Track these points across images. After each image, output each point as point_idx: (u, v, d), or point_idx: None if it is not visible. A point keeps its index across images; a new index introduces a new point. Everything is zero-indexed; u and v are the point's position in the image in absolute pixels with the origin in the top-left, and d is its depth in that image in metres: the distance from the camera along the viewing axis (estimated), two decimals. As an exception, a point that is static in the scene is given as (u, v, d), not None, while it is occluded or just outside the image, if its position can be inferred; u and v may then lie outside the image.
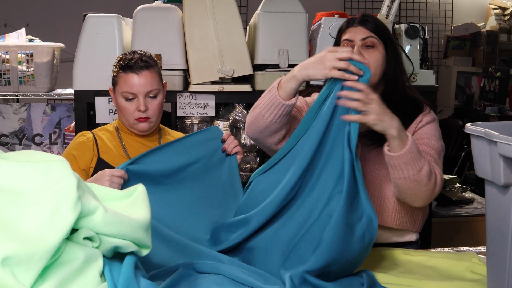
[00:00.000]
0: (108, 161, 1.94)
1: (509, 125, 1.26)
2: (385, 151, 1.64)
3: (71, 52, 2.85)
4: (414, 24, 2.74)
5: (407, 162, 1.61)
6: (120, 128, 2.01)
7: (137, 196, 1.24)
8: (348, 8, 5.54)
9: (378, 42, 1.82)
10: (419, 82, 2.70)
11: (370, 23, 1.83)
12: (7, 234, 0.98)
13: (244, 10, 5.11)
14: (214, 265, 1.46)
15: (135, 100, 1.90)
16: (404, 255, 1.72)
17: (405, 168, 1.62)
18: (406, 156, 1.60)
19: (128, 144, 1.98)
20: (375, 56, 1.80)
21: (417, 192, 1.67)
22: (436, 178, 1.67)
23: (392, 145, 1.62)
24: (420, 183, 1.64)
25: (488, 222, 1.24)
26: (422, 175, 1.63)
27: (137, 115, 1.91)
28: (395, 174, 1.65)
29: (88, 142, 1.96)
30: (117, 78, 1.92)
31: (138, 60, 1.90)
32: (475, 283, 1.50)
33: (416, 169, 1.62)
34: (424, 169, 1.63)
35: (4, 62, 2.80)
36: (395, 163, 1.62)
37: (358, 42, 1.81)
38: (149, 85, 1.90)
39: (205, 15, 2.48)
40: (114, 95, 1.96)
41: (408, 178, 1.63)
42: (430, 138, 1.81)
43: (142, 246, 1.17)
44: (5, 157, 1.11)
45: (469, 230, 3.14)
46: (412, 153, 1.61)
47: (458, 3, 5.83)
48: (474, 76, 5.29)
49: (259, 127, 1.73)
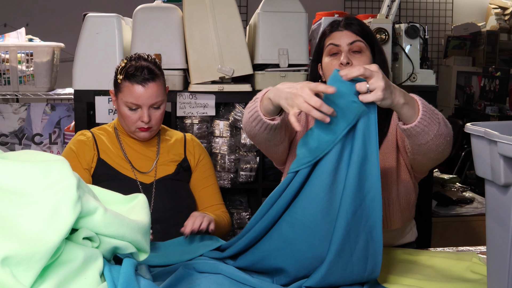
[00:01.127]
0: (108, 162, 1.93)
1: (509, 125, 1.26)
2: (403, 127, 1.47)
3: (71, 51, 2.85)
4: (414, 24, 2.74)
5: (428, 122, 1.46)
6: (119, 130, 2.00)
7: (137, 203, 1.24)
8: (348, 8, 5.54)
9: (365, 47, 1.76)
10: (419, 82, 2.70)
11: (355, 26, 1.76)
12: (7, 234, 0.98)
13: (244, 10, 5.10)
14: (214, 264, 1.46)
15: (139, 110, 1.89)
16: (404, 255, 1.72)
17: (429, 128, 1.47)
18: (425, 116, 1.45)
19: (127, 145, 1.98)
20: (363, 61, 1.74)
21: (446, 145, 1.55)
22: (445, 120, 1.55)
23: (406, 115, 1.44)
24: (444, 136, 1.52)
25: (488, 222, 1.24)
26: (442, 126, 1.50)
27: (140, 124, 1.90)
28: (421, 140, 1.50)
29: (88, 142, 1.95)
30: (122, 86, 1.89)
31: (145, 70, 1.86)
32: (475, 283, 1.50)
33: (437, 121, 1.48)
34: (440, 117, 1.50)
35: (4, 61, 2.80)
36: (418, 130, 1.46)
37: (345, 47, 1.74)
38: (154, 97, 1.88)
39: (205, 15, 2.47)
40: (116, 99, 1.93)
41: (434, 137, 1.49)
42: None
43: (140, 250, 1.17)
44: (5, 157, 1.11)
45: (469, 230, 3.14)
46: (427, 110, 1.46)
47: (458, 3, 5.83)
48: (474, 76, 5.28)
49: (250, 134, 1.66)
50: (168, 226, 1.87)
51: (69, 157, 1.92)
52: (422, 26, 2.77)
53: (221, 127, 2.61)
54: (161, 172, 1.96)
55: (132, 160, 1.96)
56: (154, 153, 1.99)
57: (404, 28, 2.72)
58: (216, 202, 2.02)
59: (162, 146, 2.01)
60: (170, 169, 1.98)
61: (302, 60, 2.56)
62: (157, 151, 1.99)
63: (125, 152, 1.96)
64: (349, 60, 1.73)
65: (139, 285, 1.11)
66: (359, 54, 1.75)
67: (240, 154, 2.66)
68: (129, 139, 1.99)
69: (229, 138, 2.62)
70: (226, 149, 2.61)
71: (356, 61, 1.73)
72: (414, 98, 1.46)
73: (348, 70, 1.34)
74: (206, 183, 2.03)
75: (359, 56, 1.75)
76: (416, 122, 1.45)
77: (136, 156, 1.97)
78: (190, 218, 1.71)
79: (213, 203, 2.01)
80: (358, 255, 1.37)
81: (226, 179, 2.63)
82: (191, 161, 2.02)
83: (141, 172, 1.94)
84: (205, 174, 2.04)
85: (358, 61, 1.73)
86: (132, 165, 1.95)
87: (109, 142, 1.97)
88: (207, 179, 2.04)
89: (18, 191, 1.04)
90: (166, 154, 2.00)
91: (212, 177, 2.06)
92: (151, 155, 1.98)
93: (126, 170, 1.94)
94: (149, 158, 1.98)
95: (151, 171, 1.96)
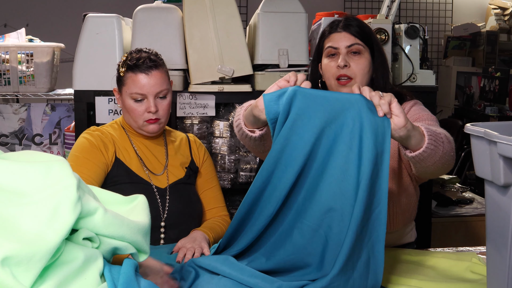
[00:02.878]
0: (125, 162, 1.87)
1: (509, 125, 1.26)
2: (409, 155, 1.47)
3: (71, 52, 2.85)
4: (414, 24, 2.74)
5: (433, 148, 1.45)
6: (127, 128, 1.94)
7: (138, 204, 1.24)
8: (348, 8, 5.55)
9: (364, 49, 1.76)
10: (419, 82, 2.70)
11: (354, 27, 1.77)
12: (7, 234, 0.98)
13: (244, 10, 5.11)
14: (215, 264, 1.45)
15: (145, 101, 1.84)
16: (404, 256, 1.72)
17: (434, 153, 1.46)
18: (430, 143, 1.44)
19: (137, 143, 1.93)
20: (361, 63, 1.75)
21: (450, 160, 1.55)
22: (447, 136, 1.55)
23: (412, 144, 1.44)
24: (449, 153, 1.52)
25: (488, 222, 1.24)
26: (446, 145, 1.50)
27: (147, 116, 1.85)
28: (427, 163, 1.49)
29: (106, 136, 1.88)
30: (125, 79, 1.85)
31: (147, 60, 1.84)
32: (475, 283, 1.50)
33: (441, 144, 1.48)
34: (443, 136, 1.50)
35: (4, 62, 2.80)
36: (424, 156, 1.46)
37: (343, 49, 1.75)
38: (159, 86, 1.84)
39: (205, 15, 2.47)
40: (120, 95, 1.90)
41: (440, 158, 1.49)
42: (421, 115, 1.73)
43: (140, 251, 1.17)
44: (5, 157, 1.11)
45: (469, 230, 3.14)
46: (432, 135, 1.45)
47: (458, 3, 5.83)
48: (474, 76, 5.29)
49: (239, 138, 1.67)
50: (181, 232, 1.83)
51: (86, 148, 1.83)
52: (422, 27, 2.77)
53: (221, 128, 2.61)
54: (173, 176, 1.93)
55: (144, 159, 1.91)
56: (162, 153, 1.96)
57: (404, 28, 2.72)
58: (217, 204, 2.01)
59: (169, 147, 1.98)
60: (181, 173, 1.95)
61: (302, 61, 2.56)
62: (166, 152, 1.97)
63: (137, 150, 1.91)
64: (347, 63, 1.74)
65: (139, 285, 1.11)
66: (358, 56, 1.75)
67: (240, 155, 2.66)
68: (138, 138, 1.93)
69: (229, 138, 2.62)
70: (226, 150, 2.62)
71: (354, 63, 1.74)
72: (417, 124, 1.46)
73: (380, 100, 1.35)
74: (208, 185, 2.02)
75: (357, 58, 1.75)
76: (424, 148, 1.43)
77: (147, 155, 1.92)
78: (181, 250, 1.64)
79: (214, 206, 2.00)
80: (360, 271, 1.35)
81: (226, 179, 2.63)
82: (197, 162, 2.01)
83: (154, 174, 1.90)
84: (208, 176, 2.03)
85: (356, 63, 1.74)
86: (146, 166, 1.90)
87: (120, 140, 1.91)
88: (210, 180, 2.03)
89: (18, 191, 1.04)
90: (174, 155, 1.97)
91: (214, 178, 2.05)
92: (160, 155, 1.95)
93: (140, 171, 1.88)
94: (159, 157, 1.95)
95: (163, 175, 1.92)
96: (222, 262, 1.42)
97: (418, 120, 1.71)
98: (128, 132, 1.94)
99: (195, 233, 1.78)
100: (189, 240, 1.70)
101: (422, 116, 1.73)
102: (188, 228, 1.86)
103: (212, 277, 1.39)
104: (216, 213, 1.98)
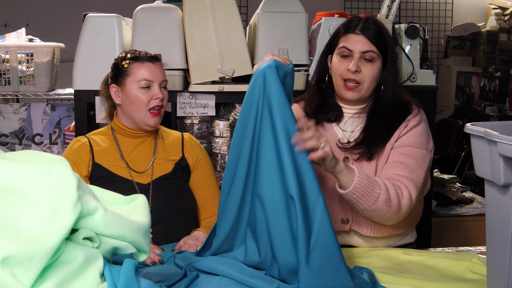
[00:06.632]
0: (103, 165, 1.93)
1: (509, 125, 1.26)
2: (336, 187, 1.62)
3: (71, 52, 2.85)
4: (414, 24, 2.74)
5: (359, 196, 1.59)
6: (117, 130, 1.99)
7: (138, 203, 1.24)
8: (348, 8, 5.55)
9: (377, 56, 1.76)
10: (419, 82, 2.70)
11: (371, 32, 1.75)
12: (7, 234, 0.98)
13: (244, 10, 5.11)
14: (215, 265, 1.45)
15: (151, 88, 1.92)
16: (404, 255, 1.72)
17: (360, 201, 1.61)
18: (356, 191, 1.58)
19: (124, 145, 1.97)
20: (372, 70, 1.75)
21: (382, 218, 1.66)
22: (399, 201, 1.64)
23: (342, 180, 1.58)
24: (380, 211, 1.63)
25: (488, 222, 1.24)
26: (379, 205, 1.61)
27: (153, 103, 1.92)
28: (354, 206, 1.65)
29: (84, 147, 1.96)
30: (130, 69, 1.93)
31: (147, 53, 1.96)
32: (475, 283, 1.50)
33: (371, 200, 1.60)
34: (381, 198, 1.61)
35: (4, 62, 2.80)
36: (348, 198, 1.61)
37: (357, 53, 1.74)
38: (163, 75, 1.96)
39: (205, 15, 2.47)
40: (122, 89, 1.94)
41: (366, 209, 1.62)
42: (413, 145, 1.75)
43: (140, 250, 1.17)
44: (5, 157, 1.11)
45: (469, 230, 3.14)
46: (361, 187, 1.58)
47: (458, 3, 5.83)
48: (474, 76, 5.29)
49: None
50: (168, 226, 1.87)
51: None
52: (422, 26, 2.77)
53: (221, 127, 2.61)
54: (158, 171, 1.96)
55: (128, 159, 1.95)
56: (151, 152, 1.99)
57: (404, 28, 2.72)
58: (215, 203, 2.01)
59: (159, 145, 2.01)
60: (167, 168, 1.97)
61: (302, 60, 2.56)
62: (154, 150, 1.99)
63: (122, 152, 1.96)
64: (358, 68, 1.74)
65: (139, 285, 1.11)
66: (370, 63, 1.75)
67: (240, 154, 2.65)
68: (126, 139, 1.98)
69: (229, 138, 2.62)
70: (226, 149, 2.61)
71: (366, 69, 1.74)
72: (354, 171, 1.58)
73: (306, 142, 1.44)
74: (205, 183, 2.03)
75: (369, 65, 1.75)
76: (346, 192, 1.58)
77: (133, 156, 1.96)
78: (183, 246, 1.74)
79: (212, 204, 2.01)
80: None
81: (226, 179, 2.63)
82: (189, 160, 2.02)
83: (137, 172, 1.94)
84: (204, 174, 2.04)
85: (367, 69, 1.74)
86: (128, 165, 1.94)
87: (105, 144, 1.97)
88: (206, 179, 2.04)
89: (18, 191, 1.04)
90: (163, 152, 2.00)
91: (212, 177, 2.06)
92: (148, 154, 1.98)
93: (122, 170, 1.93)
94: (146, 157, 1.97)
95: (147, 171, 1.95)
96: (222, 262, 1.42)
97: (402, 152, 1.74)
98: (117, 133, 1.99)
99: (197, 232, 1.85)
100: (191, 238, 1.79)
101: (410, 152, 1.74)
102: (176, 221, 1.88)
103: (213, 277, 1.39)
104: (213, 212, 1.98)
